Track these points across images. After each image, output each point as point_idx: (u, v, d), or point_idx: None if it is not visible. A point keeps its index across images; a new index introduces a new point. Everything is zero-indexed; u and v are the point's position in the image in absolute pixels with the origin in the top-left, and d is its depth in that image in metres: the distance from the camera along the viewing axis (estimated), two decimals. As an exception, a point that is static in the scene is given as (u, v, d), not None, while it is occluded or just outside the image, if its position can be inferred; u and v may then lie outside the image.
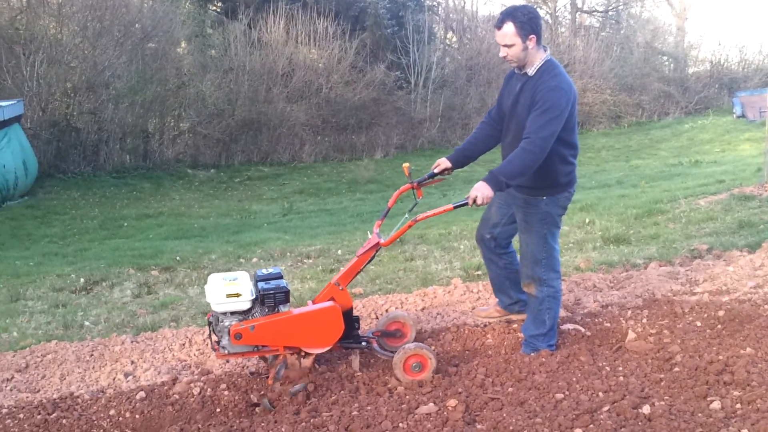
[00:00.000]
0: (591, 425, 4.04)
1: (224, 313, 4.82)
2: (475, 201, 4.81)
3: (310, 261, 9.61)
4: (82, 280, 8.98)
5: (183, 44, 27.21)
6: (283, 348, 4.91)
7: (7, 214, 15.85)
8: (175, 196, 19.74)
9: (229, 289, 4.74)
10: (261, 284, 4.92)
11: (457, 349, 5.55)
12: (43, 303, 8.02)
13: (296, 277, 8.65)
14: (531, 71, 5.07)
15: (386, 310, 6.58)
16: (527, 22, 4.95)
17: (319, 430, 4.27)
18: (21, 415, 4.68)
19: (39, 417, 4.65)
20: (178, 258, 10.14)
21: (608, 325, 5.76)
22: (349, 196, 19.22)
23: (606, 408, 4.22)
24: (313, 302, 5.09)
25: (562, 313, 6.09)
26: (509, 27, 4.94)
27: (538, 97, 4.92)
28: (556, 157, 5.07)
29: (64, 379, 5.35)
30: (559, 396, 4.47)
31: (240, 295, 4.75)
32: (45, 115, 21.39)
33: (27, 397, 5.01)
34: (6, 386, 5.24)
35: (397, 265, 8.88)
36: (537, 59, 5.06)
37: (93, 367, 5.54)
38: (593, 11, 42.99)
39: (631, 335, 5.38)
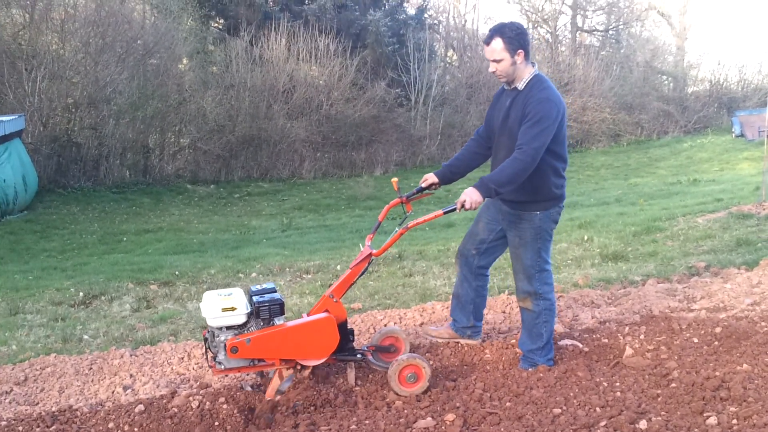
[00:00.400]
0: (588, 440, 4.06)
1: (220, 328, 4.84)
2: (463, 205, 4.87)
3: (309, 276, 9.63)
4: (81, 294, 8.99)
5: (184, 61, 27.32)
6: (279, 361, 4.92)
7: (6, 228, 15.86)
8: (174, 211, 19.76)
9: (224, 303, 4.77)
10: (256, 297, 4.94)
11: (455, 363, 5.56)
12: (42, 316, 8.04)
13: (295, 292, 8.67)
14: (520, 85, 5.15)
15: (384, 325, 6.60)
16: (515, 38, 5.03)
17: (317, 443, 4.29)
18: (20, 428, 4.69)
19: (38, 430, 4.66)
20: (177, 272, 10.15)
21: (606, 341, 5.78)
22: (348, 212, 19.25)
23: (603, 423, 4.24)
24: (308, 315, 5.10)
25: (560, 328, 6.11)
26: (498, 43, 5.03)
27: (529, 109, 4.99)
28: (550, 170, 5.14)
29: (63, 392, 5.36)
30: (557, 411, 4.49)
31: (235, 309, 4.78)
32: (46, 130, 21.45)
33: (26, 410, 5.02)
34: (5, 399, 5.25)
35: (396, 281, 8.90)
36: (526, 74, 5.14)
37: (92, 381, 5.55)
38: (593, 30, 43.20)
39: (629, 351, 5.40)
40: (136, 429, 4.66)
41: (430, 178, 5.49)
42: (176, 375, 5.62)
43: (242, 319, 4.82)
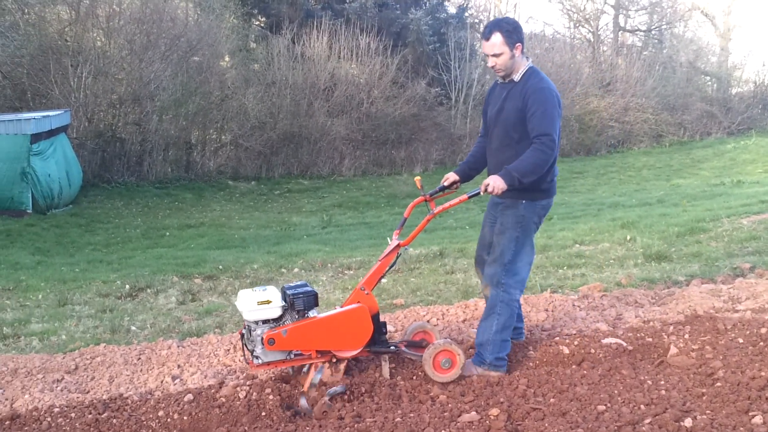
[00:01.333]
0: (633, 437, 4.07)
1: (256, 322, 4.95)
2: (486, 189, 4.96)
3: (351, 272, 9.70)
4: (127, 286, 9.15)
5: (227, 58, 27.55)
6: (315, 354, 5.01)
7: (52, 222, 16.14)
8: (216, 207, 19.96)
9: (260, 297, 4.89)
10: (290, 291, 5.04)
11: (498, 360, 5.58)
12: (90, 308, 8.20)
13: (338, 287, 8.75)
14: (516, 77, 5.23)
15: (427, 321, 6.64)
16: (513, 32, 5.13)
17: (363, 435, 4.35)
18: (72, 414, 4.80)
19: (90, 416, 4.76)
20: (220, 267, 10.28)
21: (650, 340, 5.76)
22: (388, 210, 19.31)
23: (648, 420, 4.24)
24: (341, 307, 5.18)
25: (604, 327, 6.11)
26: (497, 37, 5.11)
27: (532, 101, 5.07)
28: None
29: (113, 380, 5.47)
30: (601, 408, 4.50)
31: (271, 302, 4.89)
32: (91, 125, 21.76)
33: (78, 398, 5.14)
34: (57, 387, 5.36)
35: (437, 278, 8.95)
36: (521, 66, 5.24)
37: (141, 370, 5.66)
38: (636, 30, 42.83)
39: (673, 350, 5.39)
40: (185, 417, 4.75)
41: (451, 176, 5.58)
42: (223, 366, 5.71)
43: (278, 312, 4.93)
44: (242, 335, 5.08)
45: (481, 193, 5.02)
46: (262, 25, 29.73)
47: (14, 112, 19.08)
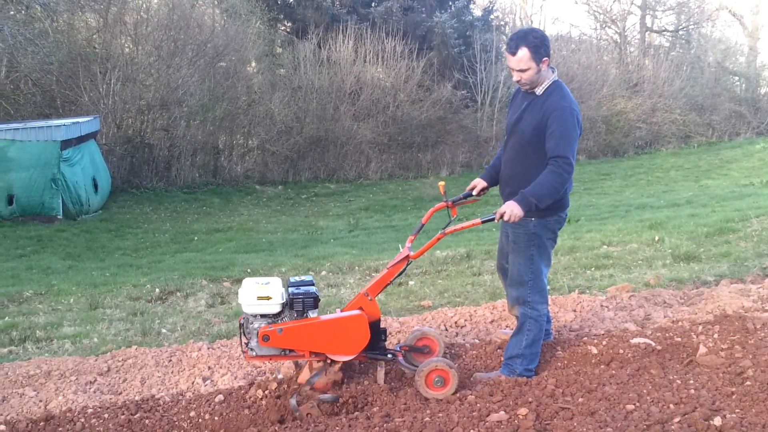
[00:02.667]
0: (662, 436, 4.07)
1: (254, 316, 4.96)
2: (502, 216, 4.90)
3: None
4: (157, 290, 9.24)
5: (253, 63, 27.71)
6: (309, 353, 5.01)
7: (82, 227, 16.31)
8: (243, 211, 20.07)
9: (260, 292, 4.89)
10: (291, 289, 5.05)
11: (526, 360, 5.59)
12: (121, 311, 8.29)
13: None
14: (539, 91, 5.13)
15: (455, 322, 6.67)
16: (540, 46, 5.01)
17: (392, 434, 4.38)
18: (106, 415, 4.88)
19: (123, 417, 4.84)
20: (249, 270, 10.36)
21: (679, 339, 5.75)
22: (415, 213, 19.31)
23: (677, 419, 4.24)
24: (342, 311, 5.18)
25: (632, 327, 6.11)
26: (523, 52, 4.99)
27: (552, 119, 4.97)
28: None
29: (145, 382, 5.54)
30: (630, 407, 4.50)
31: (270, 298, 4.89)
32: (120, 131, 21.99)
33: (110, 399, 5.22)
34: (90, 388, 5.45)
35: (464, 280, 8.96)
36: (546, 80, 5.13)
37: (172, 372, 5.73)
38: (663, 31, 42.53)
39: (702, 350, 5.37)
40: (216, 418, 4.81)
41: (479, 183, 5.54)
42: (252, 367, 5.76)
43: (276, 309, 4.93)
44: (241, 324, 5.07)
45: (496, 221, 4.97)
46: (288, 30, 29.85)
47: (44, 119, 19.33)
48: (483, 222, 5.05)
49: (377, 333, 5.15)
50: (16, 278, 10.72)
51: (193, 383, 5.46)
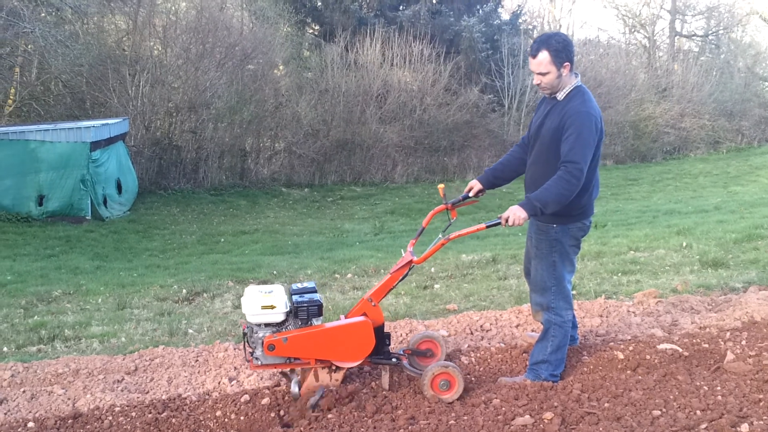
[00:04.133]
0: (689, 442, 4.05)
1: (259, 325, 4.95)
2: (507, 221, 4.86)
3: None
4: (184, 290, 9.30)
5: (281, 66, 27.83)
6: (315, 361, 5.00)
7: (110, 228, 16.46)
8: (269, 213, 20.16)
9: (264, 301, 4.86)
10: (295, 297, 5.03)
11: (552, 365, 5.57)
12: (149, 311, 8.35)
13: (391, 292, 8.75)
14: (560, 96, 5.10)
15: (481, 326, 6.66)
16: (562, 50, 4.98)
17: (417, 437, 4.39)
18: (133, 414, 4.92)
19: (150, 416, 4.88)
20: (275, 272, 10.40)
21: (706, 346, 5.71)
22: (440, 216, 19.10)
23: (704, 426, 4.22)
24: (346, 317, 5.17)
25: (659, 333, 6.07)
26: (544, 55, 4.97)
27: (569, 123, 4.92)
28: None
29: (172, 381, 5.57)
30: (656, 413, 4.48)
31: (274, 307, 4.86)
32: (148, 133, 22.18)
33: (138, 398, 5.25)
34: (117, 387, 5.49)
35: (490, 284, 8.94)
36: (567, 85, 5.08)
37: (198, 372, 5.76)
38: (692, 35, 42.31)
39: (730, 356, 5.33)
40: (242, 417, 4.84)
41: (476, 185, 5.50)
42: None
43: (280, 318, 4.91)
44: (245, 333, 5.06)
45: (502, 226, 4.93)
46: (316, 33, 30.00)
47: (74, 121, 19.52)
48: (488, 227, 5.03)
49: (381, 338, 5.14)
50: (45, 278, 10.82)
51: (219, 383, 5.49)
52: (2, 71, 20.12)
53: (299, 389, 4.94)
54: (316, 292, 5.14)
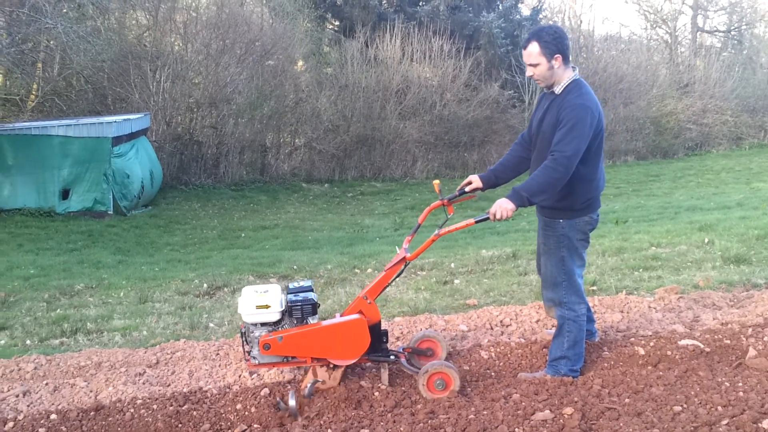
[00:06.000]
0: (710, 438, 4.04)
1: (255, 324, 4.98)
2: (495, 216, 4.87)
3: (424, 273, 9.73)
4: (205, 285, 9.35)
5: (300, 62, 27.87)
6: (311, 359, 5.03)
7: (132, 222, 16.56)
8: (290, 209, 20.21)
9: (259, 301, 4.90)
10: (290, 296, 5.06)
11: (572, 360, 5.56)
12: (170, 305, 8.41)
13: (410, 287, 8.79)
14: (558, 90, 5.09)
15: (500, 321, 6.65)
16: (552, 42, 4.98)
17: (437, 431, 4.39)
18: (155, 406, 4.95)
19: (171, 408, 4.91)
20: (295, 267, 10.42)
21: (728, 342, 5.68)
22: (460, 212, 19.12)
23: (725, 422, 4.20)
24: (342, 315, 5.18)
25: (680, 329, 6.04)
26: (534, 47, 5.00)
27: (563, 115, 4.92)
28: (577, 179, 5.01)
29: (193, 374, 5.61)
30: (677, 408, 4.46)
31: (269, 306, 4.90)
32: (169, 128, 22.28)
33: (159, 390, 5.29)
34: (139, 380, 5.53)
35: (510, 279, 8.93)
36: (564, 78, 5.08)
37: (219, 365, 5.79)
38: (714, 31, 42.03)
39: (752, 352, 5.31)
40: (262, 411, 4.86)
41: (475, 181, 5.48)
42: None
43: (276, 317, 4.94)
44: (242, 332, 5.10)
45: (492, 220, 4.93)
46: (336, 28, 30.01)
47: (96, 116, 19.65)
48: (477, 222, 5.03)
49: (378, 336, 5.15)
50: (68, 272, 10.91)
51: (240, 376, 5.51)
52: (25, 67, 20.26)
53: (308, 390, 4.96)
54: (312, 291, 5.17)
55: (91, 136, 16.84)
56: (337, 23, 30.14)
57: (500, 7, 30.29)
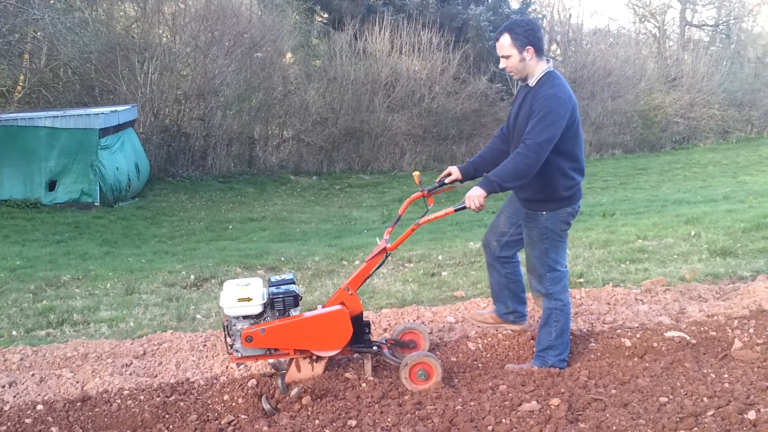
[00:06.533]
0: (695, 428, 4.07)
1: (237, 317, 4.97)
2: (470, 205, 4.91)
3: (411, 265, 9.74)
4: (192, 276, 9.32)
5: (289, 54, 27.80)
6: (294, 351, 5.03)
7: (119, 214, 16.50)
8: (277, 201, 20.18)
9: (241, 294, 4.89)
10: (271, 289, 5.06)
11: (559, 351, 5.57)
12: (157, 296, 8.38)
13: (398, 279, 8.80)
14: (532, 82, 5.14)
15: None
16: (523, 34, 5.02)
17: (424, 422, 4.40)
18: (141, 397, 4.95)
19: (158, 399, 4.91)
20: (282, 259, 10.41)
21: (714, 333, 5.72)
22: (448, 205, 19.04)
23: (710, 413, 4.23)
24: (324, 306, 5.19)
25: (667, 321, 6.07)
26: (506, 38, 5.06)
27: (536, 105, 4.96)
28: (556, 171, 5.07)
29: (180, 366, 5.60)
30: (663, 399, 4.49)
31: (251, 299, 4.89)
32: (157, 120, 22.19)
33: (146, 381, 5.28)
34: (126, 371, 5.51)
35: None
36: (538, 70, 5.12)
37: (206, 356, 5.78)
38: (703, 25, 42.13)
39: (738, 344, 5.34)
40: (249, 401, 4.86)
41: (454, 173, 5.53)
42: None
43: (258, 310, 4.93)
44: (225, 326, 5.09)
45: (471, 209, 4.95)
46: (324, 21, 29.96)
47: (83, 107, 19.56)
48: (456, 210, 5.06)
49: (360, 327, 5.16)
50: (54, 263, 10.87)
51: (227, 367, 5.51)
52: (12, 58, 20.15)
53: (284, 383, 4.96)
54: (294, 283, 5.16)
55: (78, 128, 16.75)
56: (325, 15, 30.10)
57: (489, 0, 30.29)
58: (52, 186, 16.72)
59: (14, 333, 7.03)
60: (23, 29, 19.99)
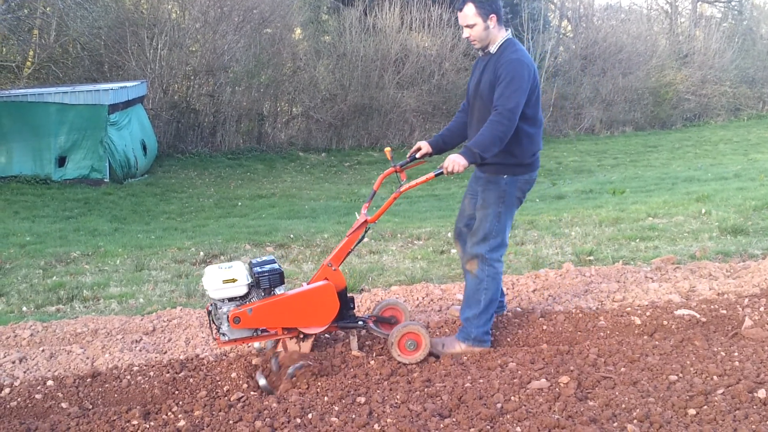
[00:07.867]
0: (705, 407, 4.05)
1: (222, 300, 4.91)
2: (447, 170, 4.91)
3: (421, 242, 9.73)
4: (201, 253, 9.34)
5: (298, 30, 27.69)
6: (282, 330, 5.01)
7: (128, 191, 16.53)
8: (286, 178, 20.17)
9: (225, 275, 4.85)
10: (255, 268, 5.01)
11: (569, 329, 5.56)
12: (166, 273, 8.39)
13: (407, 257, 8.79)
14: (493, 49, 5.13)
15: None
16: (486, 2, 5.02)
17: (433, 399, 4.40)
18: (151, 373, 4.96)
19: (168, 375, 4.92)
20: (291, 236, 10.41)
21: (724, 312, 5.69)
22: (458, 182, 19.22)
23: (720, 391, 4.21)
24: (308, 284, 5.16)
25: (677, 299, 6.05)
26: (470, 8, 5.03)
27: (501, 71, 4.97)
28: (523, 136, 5.09)
29: (189, 342, 5.61)
30: (673, 378, 4.47)
31: (236, 280, 4.84)
32: (166, 96, 22.19)
33: (156, 357, 5.29)
34: (135, 347, 5.53)
35: (507, 249, 8.91)
36: (499, 38, 5.13)
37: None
38: (715, 1, 41.73)
39: (748, 322, 5.32)
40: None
41: (424, 147, 5.53)
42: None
43: (243, 290, 4.88)
44: (209, 311, 5.05)
45: (444, 173, 4.95)
46: (334, -3, 29.82)
47: (92, 83, 19.55)
48: (436, 175, 5.05)
49: (345, 302, 5.15)
50: (64, 239, 10.89)
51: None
52: (21, 33, 20.15)
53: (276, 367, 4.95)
54: (275, 262, 5.13)
55: (88, 104, 16.76)
56: (335, -9, 29.95)
57: (500, -24, 30.04)
58: (61, 162, 16.76)
59: (24, 309, 7.05)
60: (33, 4, 19.98)
